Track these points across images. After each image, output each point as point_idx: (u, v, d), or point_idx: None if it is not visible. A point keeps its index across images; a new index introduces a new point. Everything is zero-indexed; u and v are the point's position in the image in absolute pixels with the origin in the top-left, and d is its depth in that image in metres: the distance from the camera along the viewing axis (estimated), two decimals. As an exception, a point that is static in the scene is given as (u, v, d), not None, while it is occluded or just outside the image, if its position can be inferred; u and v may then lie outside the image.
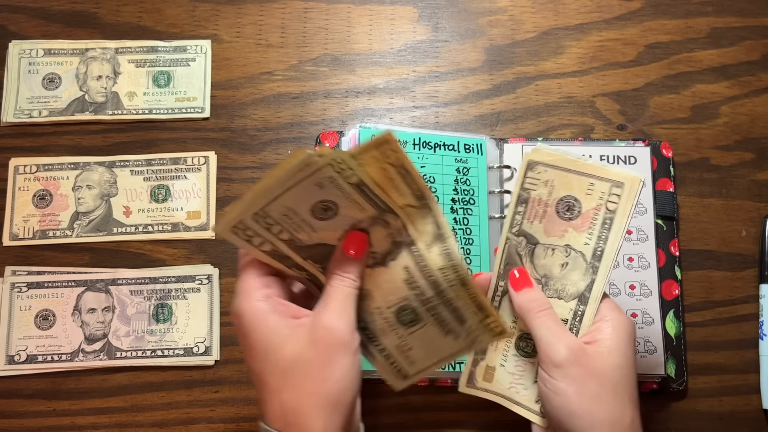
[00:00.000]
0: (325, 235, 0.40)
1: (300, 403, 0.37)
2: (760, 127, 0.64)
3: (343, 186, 0.38)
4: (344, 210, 0.40)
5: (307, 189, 0.38)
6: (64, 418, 0.56)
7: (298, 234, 0.40)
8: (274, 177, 0.36)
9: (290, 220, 0.39)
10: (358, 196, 0.39)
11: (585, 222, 0.44)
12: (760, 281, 0.60)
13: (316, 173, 0.37)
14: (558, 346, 0.41)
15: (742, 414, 0.58)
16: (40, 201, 0.60)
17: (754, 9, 0.66)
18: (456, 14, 0.66)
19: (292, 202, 0.38)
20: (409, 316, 0.42)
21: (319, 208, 0.39)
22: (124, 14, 0.65)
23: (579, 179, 0.44)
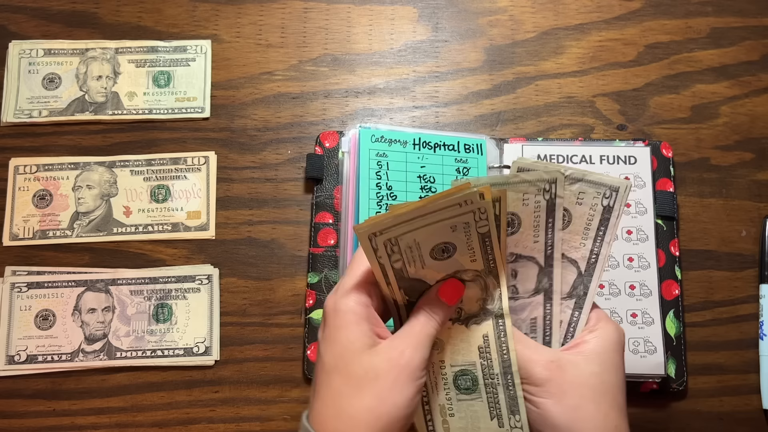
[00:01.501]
0: (429, 274, 0.41)
1: (358, 414, 0.37)
2: (760, 127, 0.64)
3: (472, 233, 0.39)
4: (458, 255, 0.40)
5: (442, 229, 0.38)
6: (64, 418, 0.56)
7: (408, 266, 0.40)
8: (435, 200, 0.37)
9: (411, 252, 0.39)
10: (478, 247, 0.39)
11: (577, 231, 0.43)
12: (760, 281, 0.60)
13: (460, 216, 0.38)
14: (531, 366, 0.40)
15: (742, 414, 0.58)
16: (40, 201, 0.60)
17: (754, 9, 0.66)
18: (456, 14, 0.66)
19: (423, 237, 0.38)
20: (466, 383, 0.41)
21: (440, 248, 0.39)
22: (124, 14, 0.65)
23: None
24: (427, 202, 0.37)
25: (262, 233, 0.60)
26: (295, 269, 0.59)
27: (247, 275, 0.59)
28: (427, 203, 0.37)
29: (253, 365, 0.58)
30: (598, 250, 0.42)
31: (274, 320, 0.58)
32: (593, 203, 0.42)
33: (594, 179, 0.41)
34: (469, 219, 0.38)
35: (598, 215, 0.42)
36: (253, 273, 0.59)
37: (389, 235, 0.38)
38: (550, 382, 0.40)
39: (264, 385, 0.57)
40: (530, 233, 0.42)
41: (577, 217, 0.42)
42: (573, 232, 0.42)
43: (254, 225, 0.60)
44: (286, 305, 0.59)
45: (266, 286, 0.59)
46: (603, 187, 0.41)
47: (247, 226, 0.60)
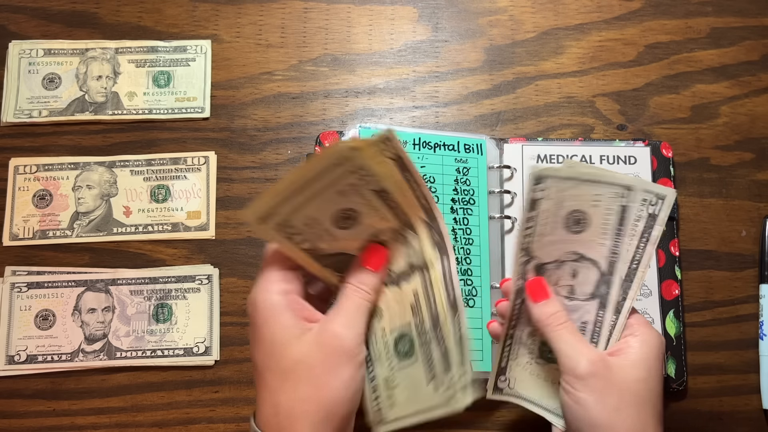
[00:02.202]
0: (346, 244, 0.40)
1: (294, 407, 0.37)
2: (760, 127, 0.64)
3: (366, 194, 0.37)
4: (366, 218, 0.39)
5: (330, 198, 0.37)
6: (64, 418, 0.56)
7: (319, 243, 0.39)
8: (310, 168, 0.35)
9: (312, 229, 0.38)
10: (380, 203, 0.38)
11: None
12: (760, 281, 0.60)
13: (342, 178, 0.36)
14: (579, 359, 0.41)
15: (742, 414, 0.58)
16: (40, 201, 0.60)
17: (754, 9, 0.66)
18: (456, 14, 0.66)
19: (315, 211, 0.37)
20: (405, 346, 0.41)
21: (341, 216, 0.38)
22: (124, 14, 0.65)
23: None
24: (301, 172, 0.35)
25: (262, 233, 0.60)
26: (295, 269, 0.59)
27: (247, 275, 0.59)
28: (300, 173, 0.35)
29: (253, 365, 0.57)
30: (639, 257, 0.43)
31: (274, 320, 0.58)
32: (640, 209, 0.42)
33: (645, 187, 0.42)
34: (353, 179, 0.36)
35: (643, 222, 0.42)
36: (253, 273, 0.59)
37: (278, 219, 0.36)
38: (594, 378, 0.40)
39: (264, 385, 0.57)
40: (597, 236, 0.42)
41: (595, 218, 0.42)
42: (594, 234, 0.43)
43: (254, 225, 0.60)
44: (286, 305, 0.59)
45: (266, 286, 0.59)
46: (650, 194, 0.41)
47: (247, 226, 0.60)
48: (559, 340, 0.42)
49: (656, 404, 0.41)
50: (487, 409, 0.57)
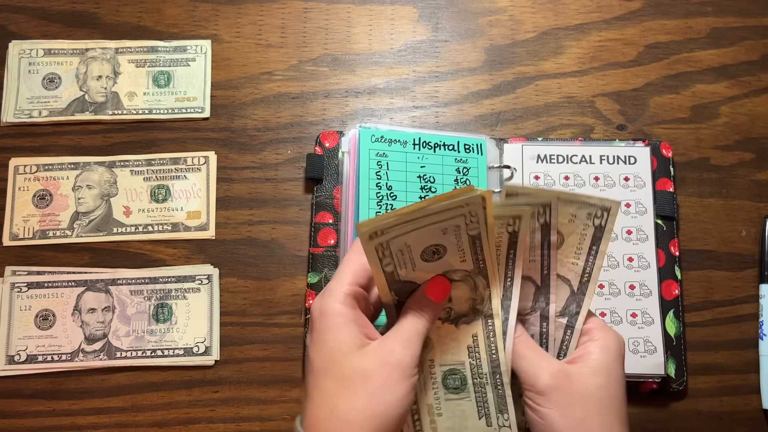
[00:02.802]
0: (420, 275, 0.41)
1: (349, 414, 0.37)
2: (760, 127, 0.64)
3: (462, 236, 0.39)
4: (448, 257, 0.40)
5: (434, 232, 0.38)
6: (64, 418, 0.56)
7: (400, 269, 0.40)
8: (433, 202, 0.37)
9: (402, 256, 0.39)
10: (468, 248, 0.39)
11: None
12: (759, 281, 0.60)
13: (452, 219, 0.38)
14: (538, 373, 0.40)
15: (742, 414, 0.58)
16: (40, 201, 0.60)
17: (754, 9, 0.66)
18: (456, 14, 0.66)
19: (414, 240, 0.38)
20: (455, 383, 0.41)
21: (430, 251, 0.39)
22: (124, 14, 0.65)
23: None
24: (429, 203, 0.37)
25: (262, 233, 0.60)
26: (295, 269, 0.59)
27: (247, 275, 0.59)
28: (428, 204, 0.37)
29: (253, 365, 0.58)
30: (590, 270, 0.42)
31: (274, 320, 0.58)
32: (585, 223, 0.42)
33: (586, 200, 0.41)
34: (461, 222, 0.38)
35: (590, 235, 0.42)
36: (253, 273, 0.59)
37: (384, 239, 0.38)
38: (556, 391, 0.39)
39: (264, 385, 0.57)
40: (528, 254, 0.42)
41: (569, 237, 0.42)
42: (566, 253, 0.42)
43: (254, 225, 0.60)
44: (286, 305, 0.59)
45: (266, 286, 0.59)
46: (594, 207, 0.41)
47: (247, 226, 0.60)
48: (517, 356, 0.41)
49: (619, 408, 0.40)
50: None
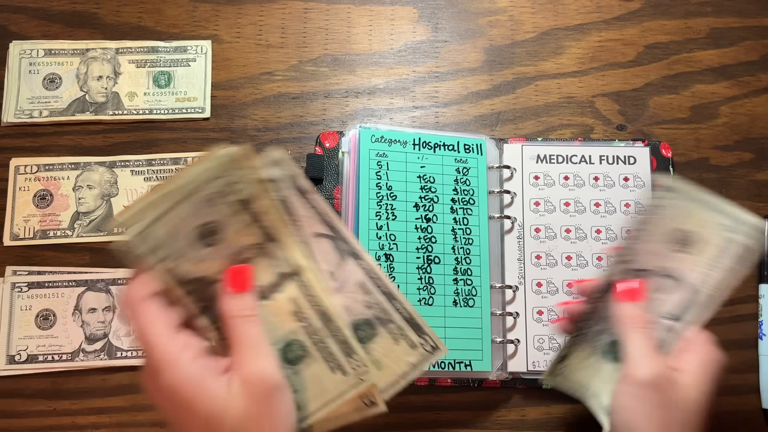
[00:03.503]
0: (209, 266, 0.38)
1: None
2: (759, 127, 0.64)
3: (230, 203, 0.36)
4: (230, 234, 0.37)
5: (195, 206, 0.35)
6: (65, 417, 0.56)
7: (182, 263, 0.36)
8: (180, 174, 0.34)
9: (175, 243, 0.36)
10: (247, 216, 0.37)
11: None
12: (759, 281, 0.60)
13: (208, 184, 0.35)
14: (645, 365, 0.40)
15: (741, 414, 0.58)
16: (40, 201, 0.60)
17: (754, 9, 0.66)
18: (456, 14, 0.66)
19: (178, 219, 0.35)
20: (296, 352, 0.40)
21: (205, 231, 0.36)
22: (124, 14, 0.65)
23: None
24: (172, 178, 0.34)
25: (262, 233, 0.60)
26: (295, 269, 0.59)
27: (247, 275, 0.59)
28: (171, 178, 0.34)
29: (254, 365, 0.58)
30: (723, 286, 0.43)
31: (274, 320, 0.58)
32: (728, 238, 0.43)
33: (731, 213, 0.43)
34: (221, 186, 0.35)
35: (733, 253, 0.43)
36: (253, 273, 0.59)
37: (143, 224, 0.34)
38: (653, 389, 0.39)
39: (264, 385, 0.57)
40: (696, 261, 0.44)
41: (706, 245, 0.44)
42: (697, 260, 0.44)
43: (254, 225, 0.60)
44: (286, 305, 0.59)
45: (266, 286, 0.59)
46: (744, 224, 0.43)
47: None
48: (632, 342, 0.41)
49: (702, 426, 0.41)
50: (487, 409, 0.57)
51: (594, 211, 0.59)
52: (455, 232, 0.57)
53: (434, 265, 0.56)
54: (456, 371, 0.55)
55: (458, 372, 0.55)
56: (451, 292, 0.56)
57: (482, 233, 0.58)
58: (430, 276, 0.56)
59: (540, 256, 0.58)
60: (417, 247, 0.56)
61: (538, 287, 0.58)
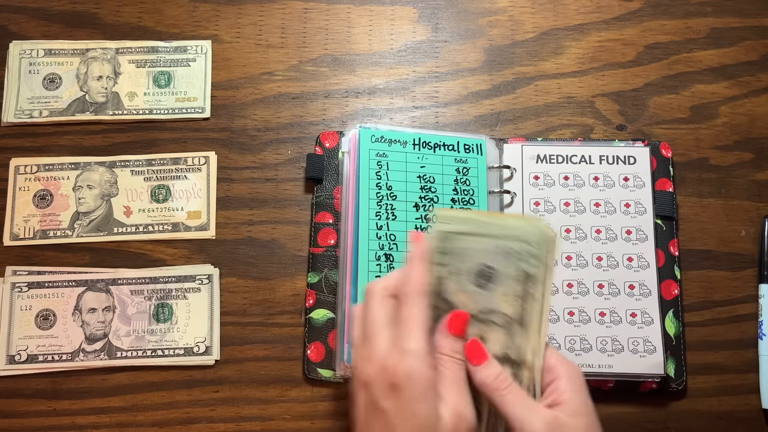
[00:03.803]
0: (463, 300, 0.40)
1: None
2: (759, 127, 0.64)
3: (518, 269, 0.39)
4: (498, 291, 0.40)
5: (497, 249, 0.39)
6: (65, 417, 0.56)
7: (448, 283, 0.40)
8: (513, 223, 0.38)
9: (457, 263, 0.39)
10: (520, 289, 0.39)
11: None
12: (759, 281, 0.60)
13: (512, 240, 0.39)
14: (534, 422, 0.39)
15: (741, 414, 0.58)
16: (40, 201, 0.60)
17: (754, 9, 0.66)
18: (456, 14, 0.66)
19: (473, 245, 0.39)
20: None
21: (484, 272, 0.39)
22: (124, 14, 0.65)
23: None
24: (497, 215, 0.39)
25: (262, 233, 0.60)
26: (296, 269, 0.59)
27: (247, 275, 0.59)
28: (496, 215, 0.39)
29: (253, 365, 0.58)
30: (540, 305, 0.42)
31: (274, 320, 0.58)
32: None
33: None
34: (522, 249, 0.38)
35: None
36: (253, 273, 0.59)
37: (450, 228, 0.38)
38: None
39: (264, 385, 0.57)
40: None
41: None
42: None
43: (254, 225, 0.60)
44: (286, 305, 0.59)
45: (266, 286, 0.59)
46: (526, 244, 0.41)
47: (248, 226, 0.60)
48: (510, 404, 0.40)
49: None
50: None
51: (594, 211, 0.59)
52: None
53: (434, 265, 0.56)
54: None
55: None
56: (451, 292, 0.56)
57: (482, 233, 0.58)
58: (430, 276, 0.56)
59: (540, 256, 0.58)
60: (417, 247, 0.56)
61: (538, 287, 0.58)
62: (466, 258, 0.39)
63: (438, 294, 0.40)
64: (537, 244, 0.39)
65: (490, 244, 0.39)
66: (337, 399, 0.57)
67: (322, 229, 0.59)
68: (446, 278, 0.40)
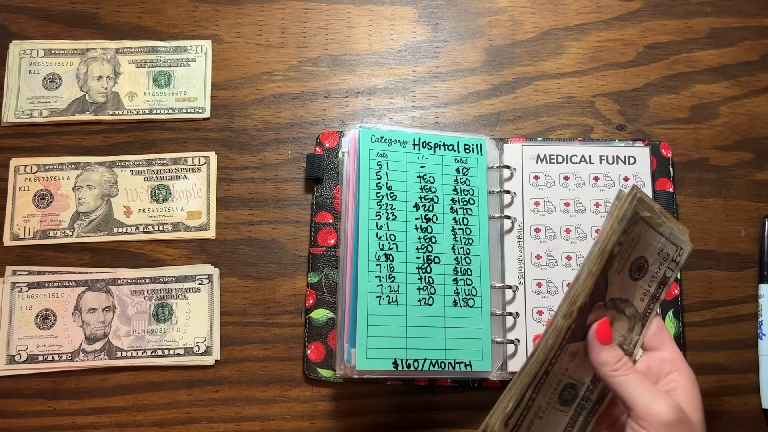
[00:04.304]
0: (616, 289, 0.41)
1: None
2: (759, 127, 0.64)
3: (663, 268, 0.41)
4: (641, 283, 0.42)
5: (654, 243, 0.41)
6: (65, 417, 0.56)
7: (617, 262, 0.40)
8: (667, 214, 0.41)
9: (630, 245, 0.41)
10: (654, 288, 0.42)
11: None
12: (759, 281, 0.60)
13: (668, 244, 0.41)
14: (661, 405, 0.40)
15: (741, 414, 0.58)
16: (40, 201, 0.60)
17: (754, 9, 0.66)
18: (456, 14, 0.66)
19: (646, 237, 0.40)
20: (569, 396, 0.42)
21: (640, 264, 0.41)
22: (124, 14, 0.65)
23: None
24: (670, 217, 0.40)
25: (262, 233, 0.60)
26: (295, 269, 0.59)
27: (247, 275, 0.59)
28: (669, 216, 0.40)
29: (253, 365, 0.58)
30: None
31: (274, 320, 0.58)
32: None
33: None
34: (672, 252, 0.41)
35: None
36: (253, 273, 0.59)
37: (642, 214, 0.40)
38: (680, 424, 0.40)
39: (264, 385, 0.57)
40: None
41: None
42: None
43: (254, 225, 0.60)
44: (286, 305, 0.59)
45: (266, 286, 0.59)
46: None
47: (248, 226, 0.60)
48: (634, 385, 0.41)
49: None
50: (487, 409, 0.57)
51: (594, 211, 0.59)
52: (455, 232, 0.57)
53: (434, 265, 0.56)
54: (456, 371, 0.55)
55: (458, 372, 0.55)
56: (451, 292, 0.56)
57: (482, 233, 0.58)
58: (430, 276, 0.56)
59: (540, 256, 0.58)
60: (417, 247, 0.56)
61: (538, 287, 0.58)
62: (637, 246, 0.40)
63: (604, 269, 0.40)
64: (683, 253, 0.41)
65: (657, 240, 0.41)
66: (337, 399, 0.57)
67: (322, 229, 0.59)
68: (616, 257, 0.40)
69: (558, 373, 0.42)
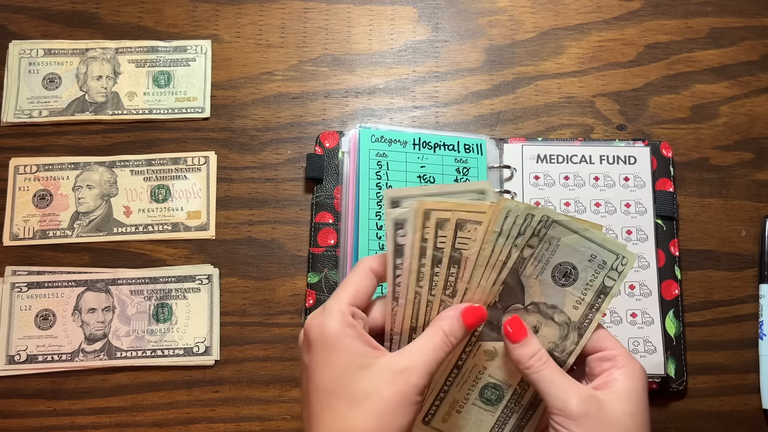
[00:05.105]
0: (534, 291, 0.41)
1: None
2: (759, 127, 0.64)
3: (598, 278, 0.41)
4: (571, 291, 0.41)
5: (584, 252, 0.40)
6: (65, 417, 0.56)
7: (531, 264, 0.40)
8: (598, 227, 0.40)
9: (546, 249, 0.40)
10: (591, 295, 0.41)
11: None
12: (759, 281, 0.60)
13: (606, 253, 0.40)
14: (569, 398, 0.39)
15: (741, 414, 0.58)
16: (40, 201, 0.60)
17: (754, 9, 0.66)
18: (456, 14, 0.66)
19: (568, 244, 0.40)
20: (491, 396, 0.42)
21: (566, 269, 0.41)
22: (124, 14, 0.65)
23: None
24: (598, 226, 0.40)
25: (262, 233, 0.60)
26: (295, 269, 0.59)
27: (247, 275, 0.59)
28: (598, 226, 0.40)
29: (253, 365, 0.58)
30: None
31: (274, 320, 0.58)
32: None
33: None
34: (609, 260, 0.40)
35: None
36: (253, 273, 0.59)
37: (558, 218, 0.39)
38: (586, 417, 0.39)
39: (264, 385, 0.57)
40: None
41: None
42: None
43: (254, 225, 0.60)
44: (286, 305, 0.59)
45: (266, 286, 0.59)
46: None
47: (247, 226, 0.60)
48: (546, 381, 0.40)
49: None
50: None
51: (594, 211, 0.59)
52: (455, 232, 0.57)
53: (434, 265, 0.56)
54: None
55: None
56: (451, 292, 0.56)
57: (482, 233, 0.58)
58: (430, 276, 0.56)
59: (540, 256, 0.58)
60: (417, 247, 0.56)
61: (538, 287, 0.58)
62: (558, 251, 0.40)
63: (515, 272, 0.40)
64: (627, 263, 0.40)
65: (587, 247, 0.40)
66: (337, 399, 0.57)
67: (322, 229, 0.59)
68: (528, 260, 0.40)
69: (473, 370, 0.42)
